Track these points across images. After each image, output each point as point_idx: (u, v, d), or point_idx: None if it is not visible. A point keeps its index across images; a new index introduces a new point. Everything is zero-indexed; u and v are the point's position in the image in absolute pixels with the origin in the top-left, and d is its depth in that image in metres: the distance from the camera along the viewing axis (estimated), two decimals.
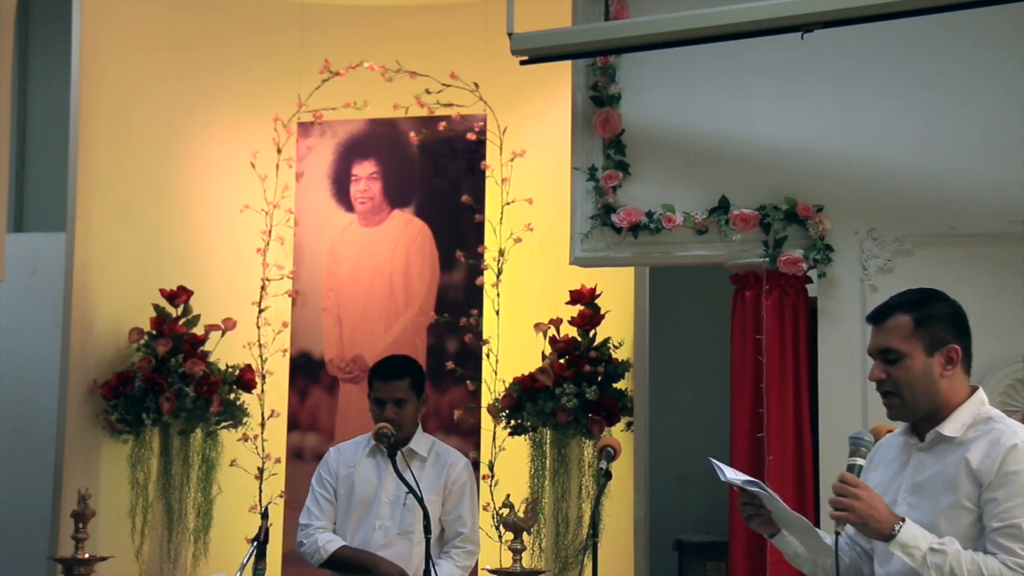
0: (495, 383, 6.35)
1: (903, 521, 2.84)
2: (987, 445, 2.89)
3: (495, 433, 6.32)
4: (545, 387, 5.94)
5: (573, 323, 6.04)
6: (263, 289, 6.74)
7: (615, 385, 5.96)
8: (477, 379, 6.45)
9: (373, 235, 6.78)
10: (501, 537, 5.86)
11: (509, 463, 6.26)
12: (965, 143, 5.18)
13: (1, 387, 6.80)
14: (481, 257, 6.52)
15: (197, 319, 6.39)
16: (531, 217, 6.48)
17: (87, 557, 5.74)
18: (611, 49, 5.26)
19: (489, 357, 6.44)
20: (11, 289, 6.54)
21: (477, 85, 6.59)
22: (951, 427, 2.96)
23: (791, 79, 5.37)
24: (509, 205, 6.53)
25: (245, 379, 6.42)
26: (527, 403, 5.98)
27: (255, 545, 3.97)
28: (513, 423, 6.09)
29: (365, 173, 6.81)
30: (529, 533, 5.58)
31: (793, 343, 5.27)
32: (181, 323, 6.35)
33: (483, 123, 6.62)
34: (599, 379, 5.94)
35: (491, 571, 5.53)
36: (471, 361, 6.48)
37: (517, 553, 5.33)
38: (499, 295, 6.49)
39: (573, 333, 6.06)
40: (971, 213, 5.16)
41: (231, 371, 6.39)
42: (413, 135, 6.71)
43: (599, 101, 5.52)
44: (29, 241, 6.94)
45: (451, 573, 4.52)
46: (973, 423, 2.96)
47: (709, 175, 5.42)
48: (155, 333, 6.29)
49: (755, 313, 5.31)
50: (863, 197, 5.26)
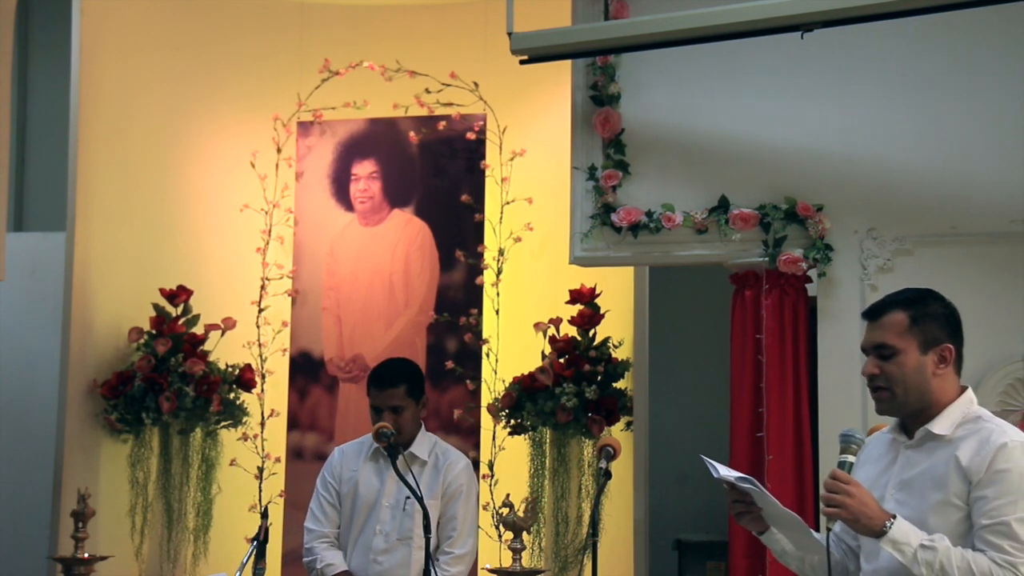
0: (495, 383, 6.35)
1: (894, 518, 2.85)
2: (977, 443, 2.92)
3: (495, 433, 6.32)
4: (545, 387, 5.94)
5: (573, 323, 6.05)
6: (263, 289, 6.74)
7: (615, 385, 5.96)
8: (477, 379, 6.45)
9: (373, 235, 6.78)
10: (501, 536, 5.86)
11: (509, 463, 6.26)
12: (965, 143, 5.18)
13: (1, 387, 6.80)
14: (481, 257, 6.52)
15: (197, 319, 6.39)
16: (531, 216, 6.48)
17: (87, 557, 5.75)
18: (611, 49, 5.26)
19: (489, 357, 6.44)
20: (11, 289, 6.54)
21: (477, 85, 6.59)
22: (941, 425, 2.98)
23: (791, 79, 5.37)
24: (509, 205, 6.53)
25: (245, 379, 6.42)
26: (527, 403, 5.98)
27: (255, 545, 3.97)
28: (513, 422, 6.10)
29: (365, 173, 6.81)
30: (529, 532, 5.59)
31: (793, 343, 5.27)
32: (181, 323, 6.35)
33: (483, 123, 6.62)
34: (599, 379, 5.94)
35: (491, 570, 5.54)
36: (471, 361, 6.48)
37: (517, 552, 5.34)
38: (499, 295, 6.49)
39: (573, 333, 6.06)
40: (971, 213, 5.16)
41: (231, 371, 6.40)
42: (413, 135, 6.71)
43: (599, 101, 5.52)
44: (29, 241, 6.93)
45: None
46: (963, 422, 2.98)
47: (709, 175, 5.42)
48: (155, 333, 6.29)
49: (755, 313, 5.32)
50: (863, 197, 5.26)
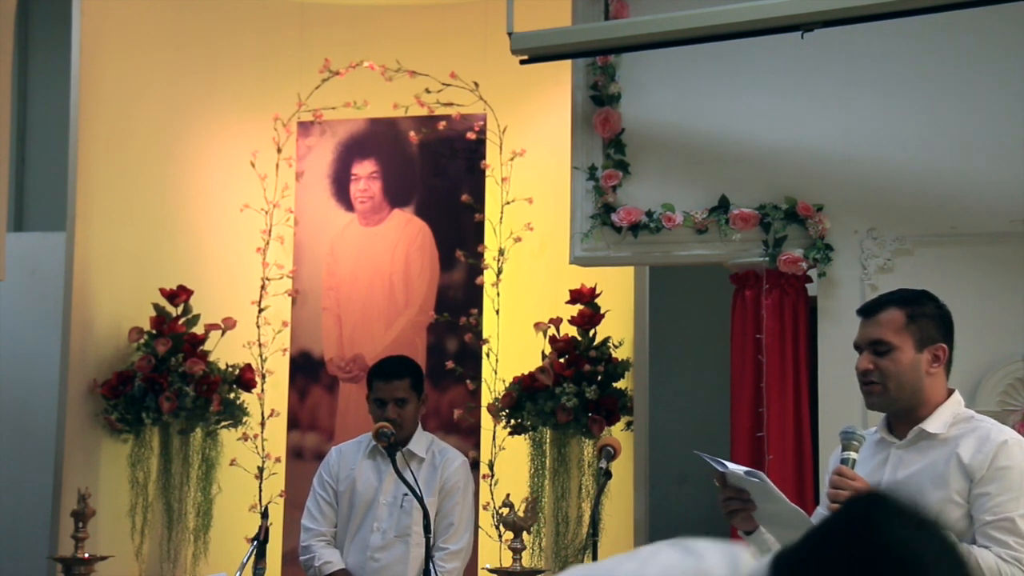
0: (495, 382, 6.35)
1: None
2: (977, 441, 2.94)
3: (495, 432, 6.32)
4: (545, 386, 5.94)
5: (573, 322, 6.05)
6: (263, 288, 6.74)
7: (615, 384, 5.96)
8: (477, 378, 6.45)
9: (373, 234, 6.78)
10: (501, 536, 5.86)
11: (509, 462, 6.26)
12: (965, 143, 5.18)
13: (1, 387, 6.80)
14: (481, 256, 6.52)
15: (197, 318, 6.39)
16: (531, 216, 6.48)
17: (87, 556, 5.75)
18: (611, 49, 5.26)
19: (489, 356, 6.44)
20: (11, 289, 6.54)
21: (477, 85, 6.59)
22: (935, 424, 3.01)
23: (791, 79, 5.37)
24: (509, 204, 6.53)
25: (245, 378, 6.43)
26: (527, 402, 5.99)
27: (255, 545, 3.97)
28: (513, 422, 6.10)
29: (365, 172, 6.81)
30: (529, 532, 5.59)
31: (793, 343, 5.27)
32: (181, 322, 6.35)
33: (483, 122, 6.62)
34: (599, 378, 5.94)
35: (491, 570, 5.54)
36: (471, 360, 6.48)
37: (517, 552, 5.34)
38: (499, 294, 6.49)
39: (573, 332, 6.06)
40: (971, 213, 5.16)
41: (231, 370, 6.40)
42: (413, 134, 6.71)
43: (599, 100, 5.52)
44: (29, 241, 6.93)
45: None
46: (955, 421, 3.02)
47: (709, 174, 5.42)
48: (155, 332, 6.30)
49: (755, 313, 5.31)
50: (863, 197, 5.26)
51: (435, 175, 6.74)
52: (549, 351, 6.05)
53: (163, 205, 6.65)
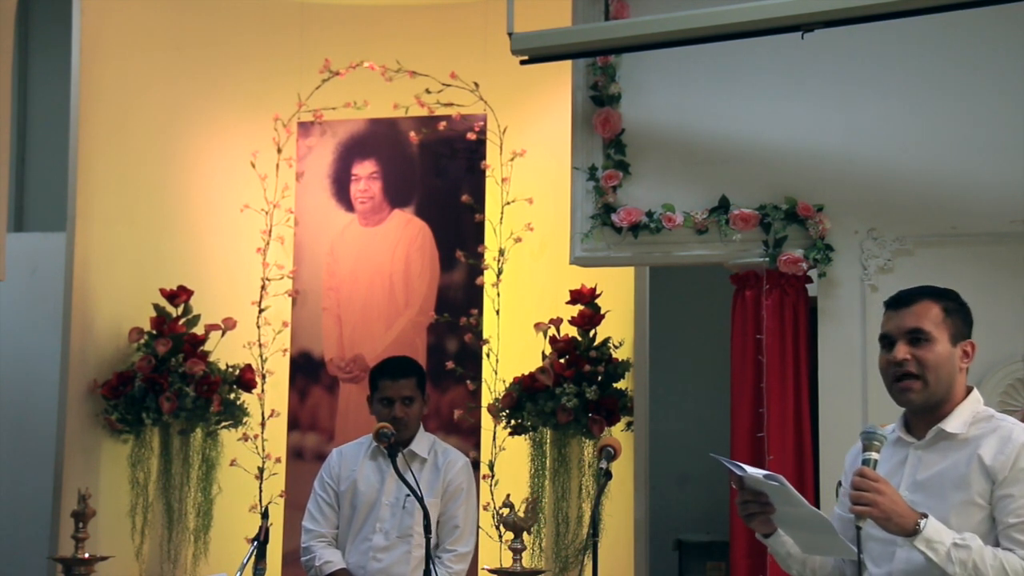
0: (495, 383, 6.35)
1: (926, 516, 2.79)
2: (998, 441, 2.88)
3: (495, 433, 6.32)
4: (545, 387, 5.94)
5: (573, 323, 6.05)
6: (263, 289, 6.74)
7: (615, 385, 5.96)
8: (477, 379, 6.45)
9: (373, 235, 6.78)
10: (501, 537, 5.86)
11: (509, 463, 6.26)
12: (965, 143, 5.18)
13: (1, 387, 6.80)
14: (481, 257, 6.52)
15: (197, 319, 6.39)
16: (531, 217, 6.48)
17: (87, 557, 5.75)
18: (611, 49, 5.26)
19: (489, 357, 6.44)
20: (11, 289, 6.55)
21: (477, 85, 6.59)
22: (954, 424, 2.95)
23: (791, 79, 5.36)
24: (509, 205, 6.53)
25: (245, 379, 6.43)
26: (527, 403, 5.99)
27: (255, 545, 3.97)
28: (513, 423, 6.10)
29: (365, 173, 6.81)
30: (529, 533, 5.59)
31: (793, 343, 5.27)
32: (181, 323, 6.35)
33: (483, 123, 6.62)
34: (599, 379, 5.94)
35: (491, 571, 5.53)
36: (471, 361, 6.48)
37: (517, 553, 5.34)
38: (499, 295, 6.49)
39: (573, 333, 6.06)
40: (971, 213, 5.15)
41: (231, 371, 6.40)
42: (413, 135, 6.71)
43: (599, 101, 5.52)
44: (29, 241, 6.94)
45: None
46: (975, 420, 2.95)
47: (709, 175, 5.42)
48: (155, 333, 6.30)
49: (755, 313, 5.31)
50: (863, 197, 5.26)
51: (435, 175, 6.74)
52: (549, 351, 6.05)
53: (163, 205, 6.65)
